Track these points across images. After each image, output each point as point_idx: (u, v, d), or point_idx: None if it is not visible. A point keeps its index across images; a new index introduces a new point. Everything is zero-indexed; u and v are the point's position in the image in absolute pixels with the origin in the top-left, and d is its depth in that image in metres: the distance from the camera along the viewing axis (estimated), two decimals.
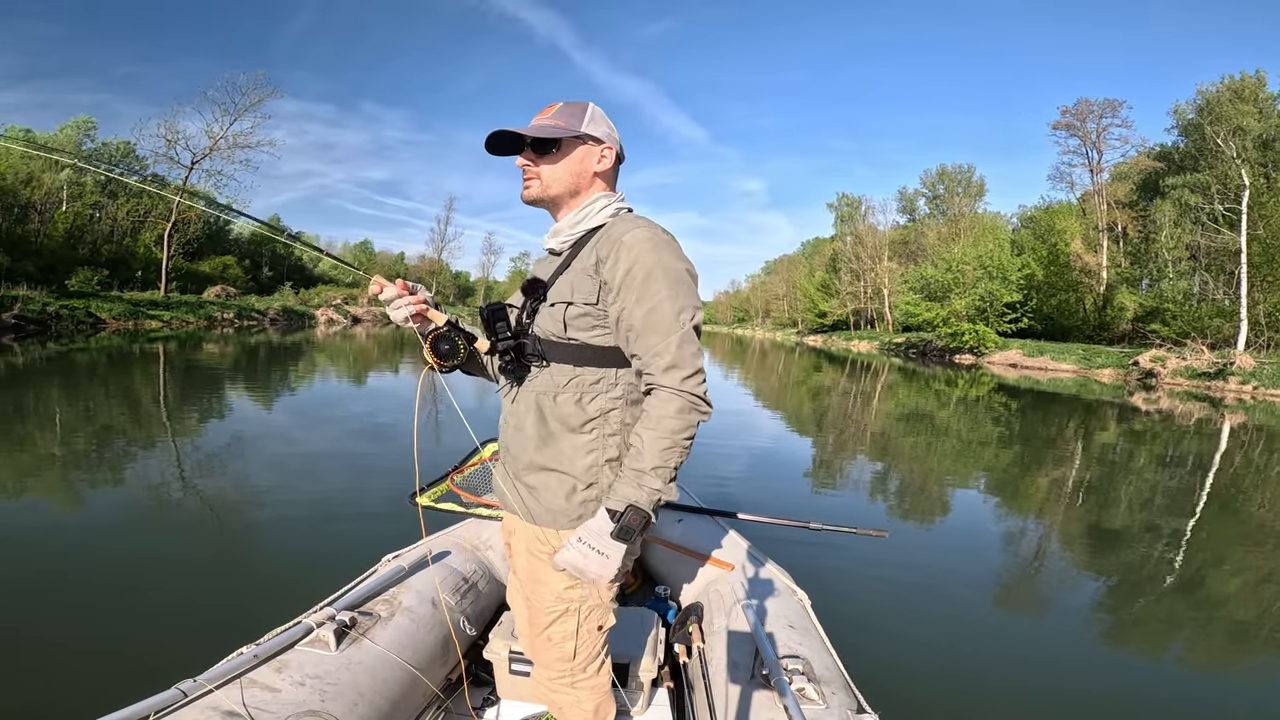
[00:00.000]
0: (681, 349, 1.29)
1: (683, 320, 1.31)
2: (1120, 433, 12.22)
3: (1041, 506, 6.60)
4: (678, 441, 1.29)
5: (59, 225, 35.16)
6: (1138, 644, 3.72)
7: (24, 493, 5.08)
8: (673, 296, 1.31)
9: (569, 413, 1.38)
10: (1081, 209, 42.60)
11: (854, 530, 2.99)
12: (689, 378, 1.29)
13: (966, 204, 53.54)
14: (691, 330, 1.32)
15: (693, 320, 1.32)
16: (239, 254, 51.00)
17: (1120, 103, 40.28)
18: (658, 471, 1.28)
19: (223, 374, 13.91)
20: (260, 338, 25.39)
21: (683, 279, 1.33)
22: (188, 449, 6.65)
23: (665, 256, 1.32)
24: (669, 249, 1.34)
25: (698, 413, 1.31)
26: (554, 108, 1.43)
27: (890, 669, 2.94)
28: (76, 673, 2.58)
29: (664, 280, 1.31)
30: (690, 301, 1.33)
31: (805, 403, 15.31)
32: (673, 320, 1.30)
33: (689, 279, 1.35)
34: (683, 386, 1.29)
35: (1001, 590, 4.33)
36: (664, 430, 1.28)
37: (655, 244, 1.33)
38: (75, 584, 3.39)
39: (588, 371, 1.38)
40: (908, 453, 9.11)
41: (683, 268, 1.34)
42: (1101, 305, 37.93)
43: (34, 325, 21.13)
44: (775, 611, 2.18)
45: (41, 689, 2.48)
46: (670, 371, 1.29)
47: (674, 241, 1.38)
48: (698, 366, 1.31)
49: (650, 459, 1.28)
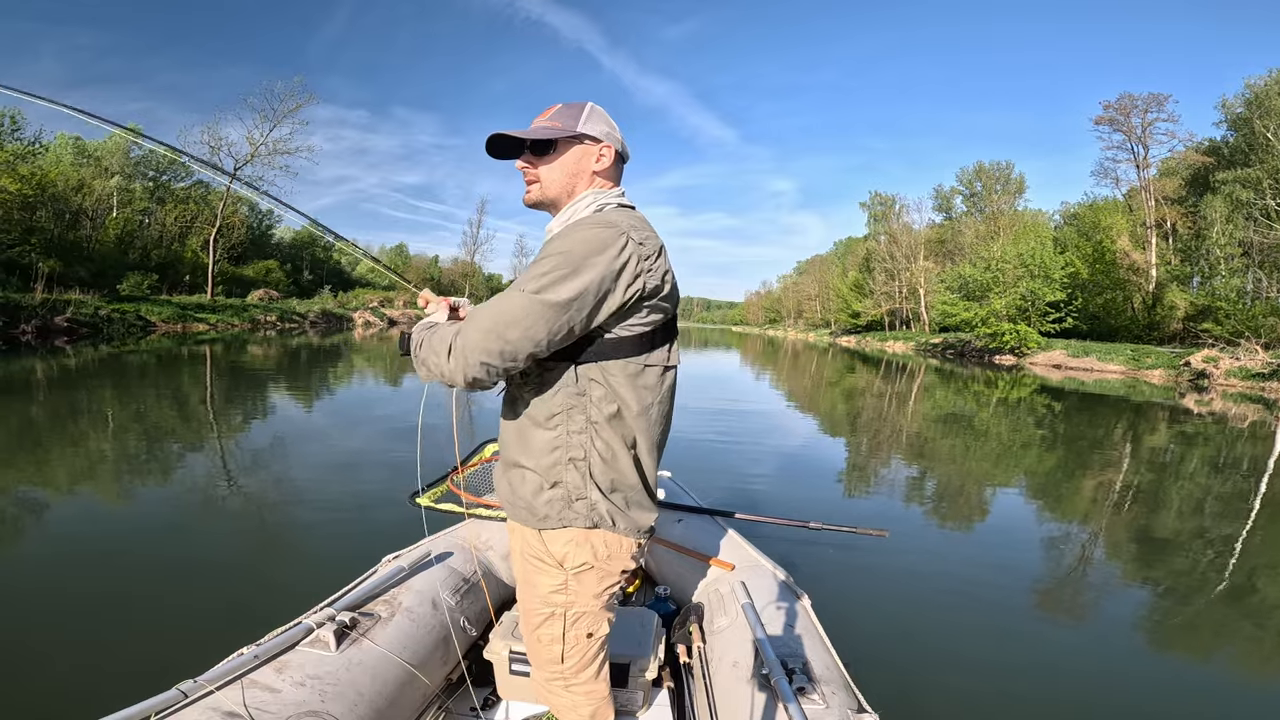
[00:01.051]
0: (502, 301, 1.24)
1: (529, 288, 1.22)
2: (1170, 435, 11.76)
3: (1065, 509, 6.39)
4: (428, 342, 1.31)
5: (110, 231, 36.53)
6: (1142, 646, 3.66)
7: (23, 493, 5.14)
8: (536, 266, 1.25)
9: (535, 409, 1.38)
10: (1128, 205, 41.32)
11: (854, 530, 2.98)
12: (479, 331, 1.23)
13: (1006, 201, 52.20)
14: (530, 299, 1.21)
15: (540, 293, 1.21)
16: (281, 258, 52.38)
17: (1165, 97, 38.96)
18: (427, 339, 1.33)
19: (253, 376, 14.27)
20: (301, 340, 26.01)
21: (567, 253, 1.22)
22: (198, 451, 6.75)
23: (571, 234, 1.26)
24: (580, 227, 1.28)
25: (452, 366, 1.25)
26: (553, 109, 1.42)
27: (890, 669, 2.94)
28: (77, 673, 2.61)
29: (543, 254, 1.26)
30: (554, 275, 1.21)
31: (833, 404, 15.07)
32: (519, 284, 1.24)
33: (583, 251, 1.22)
34: (465, 333, 1.24)
35: (1002, 591, 4.22)
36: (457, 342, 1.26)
37: (574, 225, 1.30)
38: (76, 584, 3.43)
39: (547, 365, 1.36)
40: (932, 454, 8.89)
41: (576, 239, 1.24)
42: (1151, 304, 36.72)
43: (86, 328, 21.97)
44: (775, 611, 2.16)
45: (42, 689, 2.51)
46: (477, 312, 1.28)
47: (604, 229, 1.26)
48: (496, 333, 1.21)
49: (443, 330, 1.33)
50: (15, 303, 20.43)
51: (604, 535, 1.41)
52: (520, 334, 1.21)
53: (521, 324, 1.21)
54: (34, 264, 24.86)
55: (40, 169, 30.93)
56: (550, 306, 1.20)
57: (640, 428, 1.38)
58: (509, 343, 1.22)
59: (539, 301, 1.20)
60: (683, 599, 2.62)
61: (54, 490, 5.21)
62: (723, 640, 2.09)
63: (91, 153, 41.68)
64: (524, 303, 1.21)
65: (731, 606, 2.23)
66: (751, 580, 2.36)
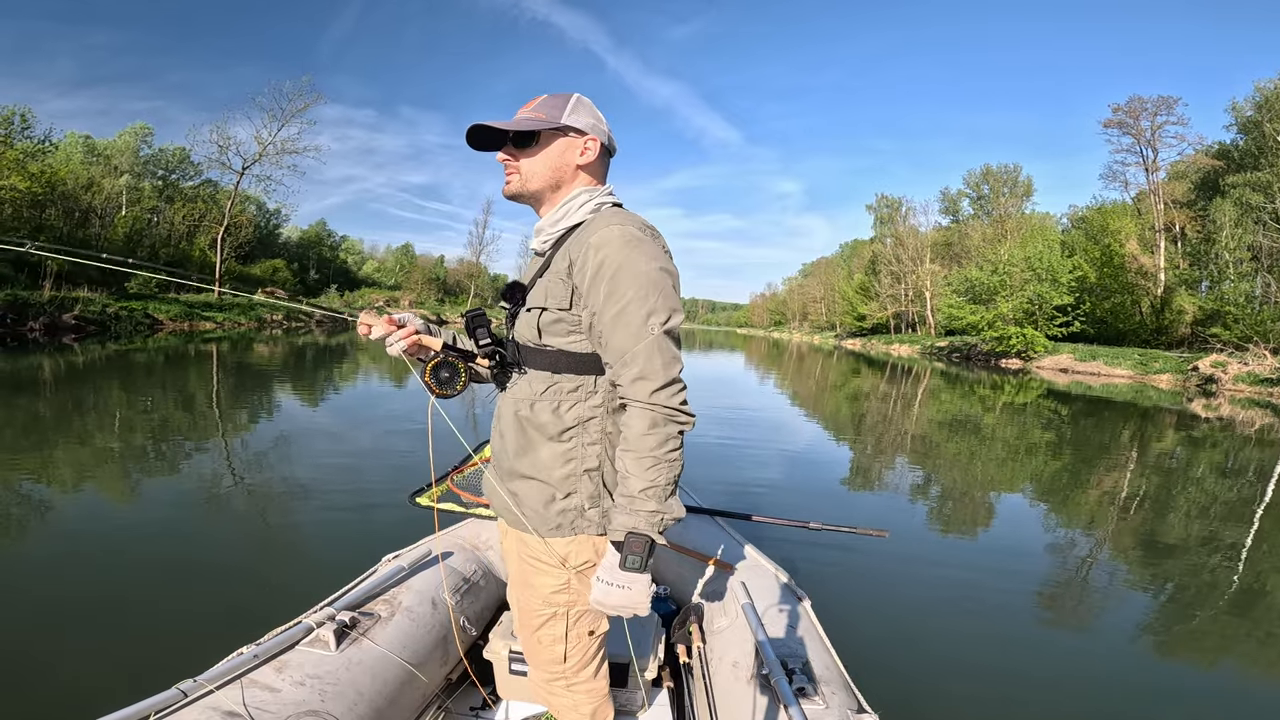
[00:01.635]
0: (650, 358, 1.21)
1: (652, 325, 1.21)
2: (1177, 440, 11.69)
3: (1068, 513, 6.37)
4: (661, 457, 1.22)
5: (119, 229, 36.74)
6: (1144, 650, 3.64)
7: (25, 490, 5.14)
8: (641, 299, 1.21)
9: (546, 420, 1.34)
10: (1137, 209, 41.12)
11: (854, 530, 2.95)
12: (659, 389, 1.21)
13: (1013, 204, 51.95)
14: (663, 336, 1.23)
15: (665, 325, 1.23)
16: (288, 257, 52.61)
17: (1175, 100, 38.75)
18: (648, 493, 1.22)
19: (257, 375, 14.33)
20: (307, 339, 26.13)
21: (654, 279, 1.23)
22: (199, 450, 6.76)
23: (634, 255, 1.23)
24: (639, 247, 1.24)
25: (674, 423, 1.23)
26: (538, 100, 1.38)
27: (890, 669, 2.95)
28: (77, 672, 2.60)
29: (631, 281, 1.22)
30: (662, 304, 1.23)
31: (836, 407, 15.03)
32: (640, 324, 1.21)
33: (663, 279, 1.25)
34: (652, 400, 1.21)
35: (1003, 593, 4.22)
36: (643, 450, 1.21)
37: (625, 242, 1.24)
38: (76, 582, 3.43)
39: (565, 379, 1.34)
40: (935, 457, 8.86)
41: (655, 267, 1.24)
42: (1159, 308, 36.50)
43: (94, 326, 22.12)
44: (775, 611, 2.16)
45: (42, 688, 2.51)
46: (639, 384, 1.22)
47: (649, 239, 1.28)
48: (670, 376, 1.22)
49: (637, 482, 1.22)
50: (24, 300, 20.58)
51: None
52: (670, 356, 1.25)
53: (668, 351, 1.24)
54: (42, 261, 24.99)
55: (50, 167, 31.17)
56: (670, 330, 1.25)
57: None
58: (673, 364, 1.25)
59: (664, 333, 1.24)
60: (683, 599, 2.62)
61: (56, 488, 5.22)
62: (723, 640, 2.08)
63: (101, 151, 41.97)
64: (655, 340, 1.23)
65: (731, 607, 2.22)
66: (751, 580, 2.36)
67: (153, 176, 43.90)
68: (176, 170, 45.26)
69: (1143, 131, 39.64)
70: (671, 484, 1.24)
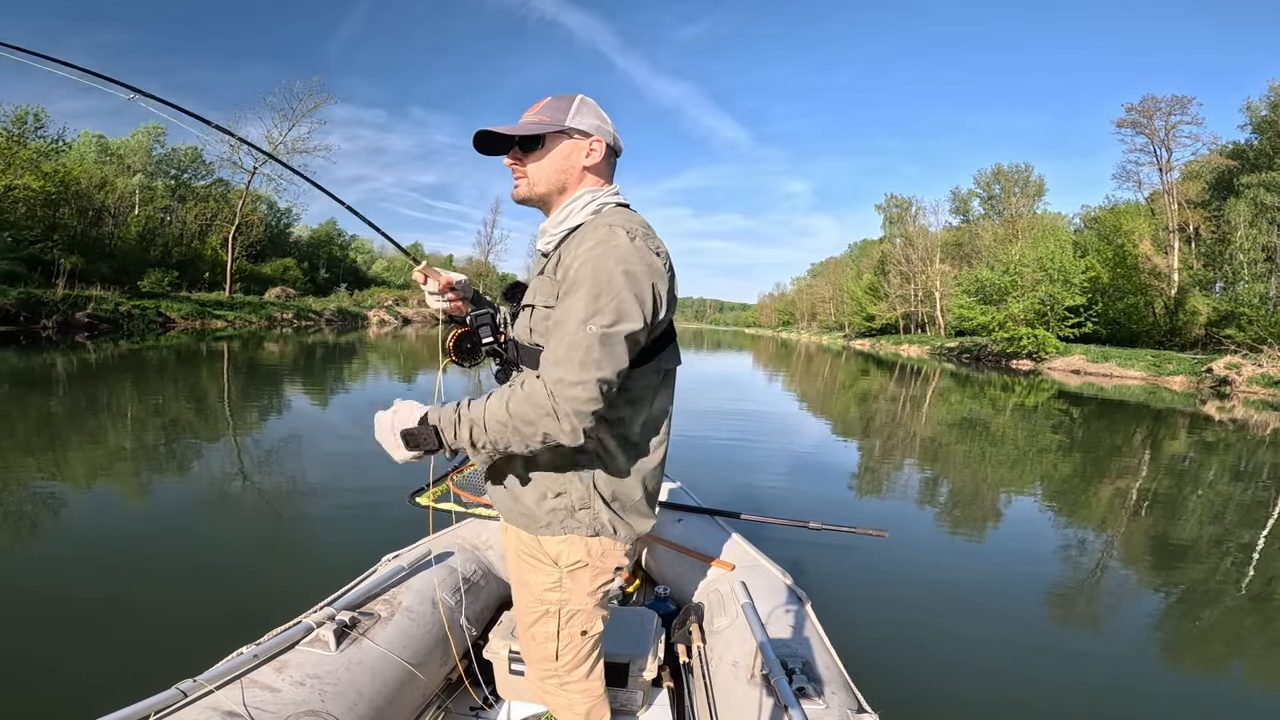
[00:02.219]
0: (573, 350, 1.17)
1: (590, 326, 1.17)
2: (1190, 442, 11.56)
3: (1075, 514, 6.31)
4: (512, 426, 1.18)
5: (131, 228, 37.08)
6: (1145, 650, 3.63)
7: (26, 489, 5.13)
8: (591, 298, 1.18)
9: None
10: (1150, 209, 40.76)
11: (854, 530, 2.97)
12: (564, 383, 1.16)
13: (1024, 204, 51.59)
14: (598, 337, 1.17)
15: (607, 327, 1.18)
16: (298, 256, 52.90)
17: (1189, 99, 38.33)
18: (474, 427, 1.21)
19: (266, 374, 14.41)
20: (316, 338, 26.25)
21: (612, 282, 1.19)
22: (202, 449, 6.75)
23: (605, 256, 1.20)
24: (614, 249, 1.21)
25: (551, 420, 1.16)
26: (542, 103, 1.38)
27: (890, 669, 2.94)
28: (77, 672, 2.60)
29: (590, 281, 1.19)
30: (610, 306, 1.18)
31: (844, 407, 14.96)
32: (579, 324, 1.18)
33: (621, 282, 1.19)
34: (554, 387, 1.16)
35: (1003, 593, 4.21)
36: (511, 407, 1.18)
37: (603, 242, 1.22)
38: (76, 582, 3.43)
39: None
40: (942, 458, 8.80)
41: (619, 269, 1.19)
42: (1172, 309, 36.16)
43: (107, 324, 22.32)
44: (775, 611, 2.16)
45: (42, 688, 2.51)
46: (551, 366, 1.18)
47: (631, 241, 1.23)
48: (582, 378, 1.16)
49: (480, 413, 1.21)
50: (37, 298, 20.80)
51: (601, 539, 1.41)
52: (595, 359, 1.17)
53: (595, 352, 1.17)
54: (56, 260, 25.29)
55: (63, 166, 31.46)
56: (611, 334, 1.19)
57: (644, 434, 1.39)
58: (592, 368, 1.17)
59: (600, 335, 1.18)
60: (683, 599, 2.63)
61: (62, 485, 5.25)
62: (722, 640, 2.08)
63: (114, 151, 42.35)
64: (584, 338, 1.18)
65: (731, 606, 2.23)
66: (752, 580, 2.36)
67: (165, 176, 44.29)
68: (188, 170, 45.67)
69: (1156, 131, 39.28)
70: (496, 448, 1.22)
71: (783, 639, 1.99)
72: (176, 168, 45.26)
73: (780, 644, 1.93)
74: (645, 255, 1.24)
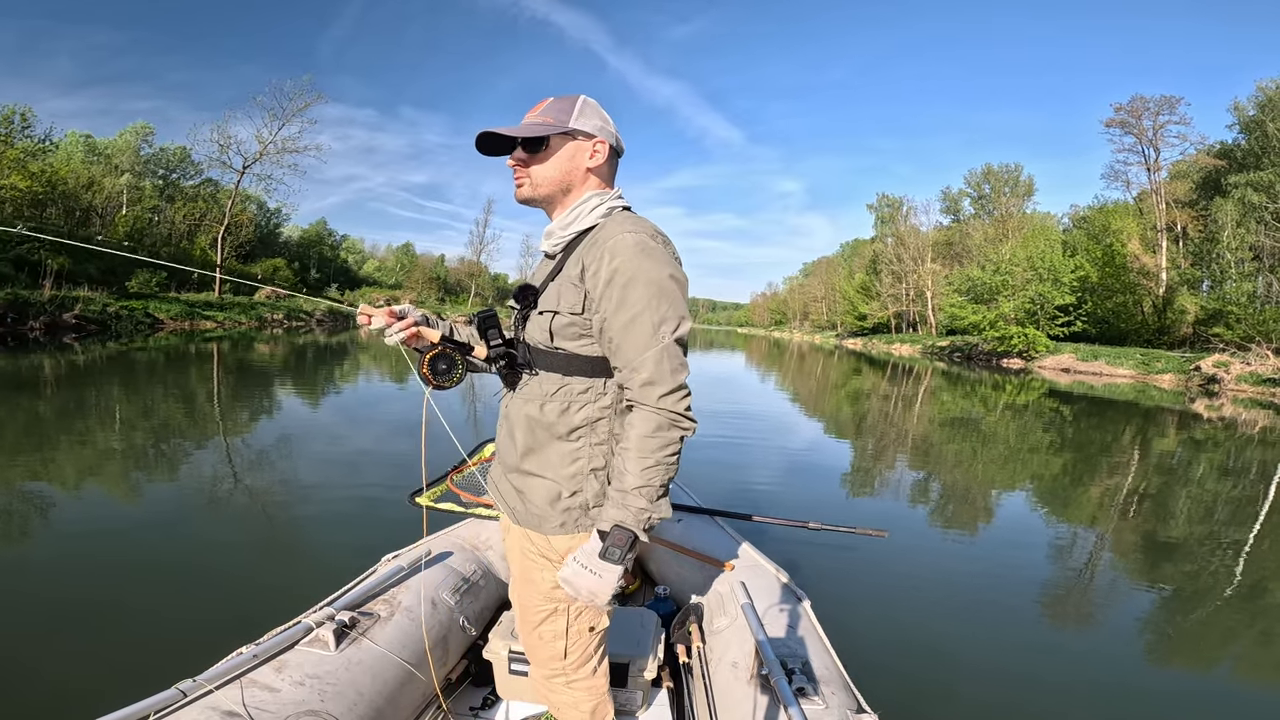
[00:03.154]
0: (660, 364, 1.24)
1: (663, 333, 1.25)
2: (1179, 440, 11.67)
3: (1068, 513, 6.36)
4: (660, 460, 1.25)
5: (119, 228, 36.72)
6: (1144, 650, 3.63)
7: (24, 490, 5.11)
8: (652, 307, 1.24)
9: (555, 421, 1.36)
10: (1138, 208, 41.09)
11: (854, 530, 2.97)
12: (667, 394, 1.24)
13: (1014, 204, 51.90)
14: (672, 344, 1.26)
15: (674, 333, 1.26)
16: (289, 256, 52.60)
17: (1178, 99, 38.65)
18: (641, 491, 1.24)
19: (257, 375, 14.33)
20: (307, 338, 26.12)
21: (665, 288, 1.26)
22: (199, 450, 6.73)
23: (646, 264, 1.25)
24: (652, 255, 1.27)
25: (678, 429, 1.26)
26: (544, 103, 1.38)
27: (890, 669, 2.95)
28: (76, 672, 2.59)
29: (644, 289, 1.24)
30: (672, 312, 1.26)
31: (836, 406, 15.02)
32: (651, 333, 1.24)
33: (673, 287, 1.27)
34: (660, 404, 1.24)
35: (1003, 593, 4.22)
36: (645, 450, 1.24)
37: (638, 250, 1.26)
38: (75, 582, 3.41)
39: (576, 381, 1.36)
40: (935, 457, 8.85)
41: (665, 274, 1.27)
42: (1161, 308, 36.49)
43: (94, 325, 22.11)
44: (775, 611, 2.16)
45: (41, 688, 2.50)
46: (647, 388, 1.24)
47: (661, 246, 1.30)
48: (678, 383, 1.26)
49: (633, 479, 1.25)
50: (24, 299, 20.57)
51: None
52: (679, 363, 1.27)
53: (676, 358, 1.27)
54: (43, 261, 25.01)
55: (50, 166, 31.13)
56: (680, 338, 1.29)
57: None
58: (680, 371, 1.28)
59: (674, 341, 1.27)
60: (682, 599, 2.63)
61: (55, 487, 5.21)
62: (722, 640, 2.08)
63: (102, 150, 41.95)
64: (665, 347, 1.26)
65: (731, 606, 2.22)
66: (751, 580, 2.36)
67: (153, 176, 43.90)
68: (177, 169, 45.27)
69: (1145, 131, 39.60)
70: (664, 486, 1.27)
71: (782, 639, 1.99)
72: (165, 167, 44.87)
73: (780, 644, 1.94)
74: (675, 258, 1.33)
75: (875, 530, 2.91)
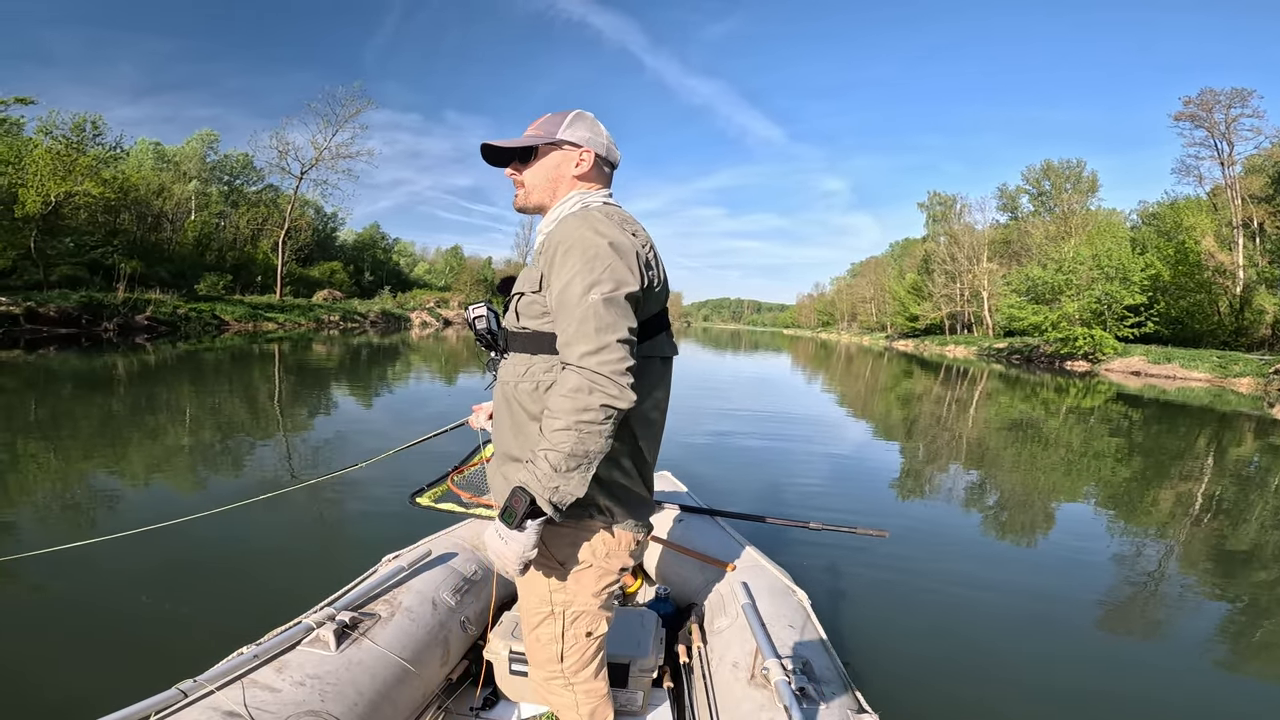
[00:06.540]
0: (584, 323, 1.21)
1: (592, 296, 1.22)
2: (1256, 446, 10.95)
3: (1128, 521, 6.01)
4: (573, 424, 1.19)
5: (188, 233, 38.55)
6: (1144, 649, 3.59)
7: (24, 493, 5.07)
8: (585, 270, 1.24)
9: (527, 401, 1.38)
10: (1212, 204, 38.90)
11: (854, 530, 2.94)
12: (589, 354, 1.20)
13: (1077, 200, 49.71)
14: (600, 303, 1.22)
15: (607, 293, 1.23)
16: (344, 259, 54.28)
17: (1250, 92, 36.35)
18: (547, 455, 1.20)
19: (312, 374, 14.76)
20: (361, 339, 26.87)
21: (601, 251, 1.25)
22: (204, 450, 6.69)
23: (585, 231, 1.27)
24: (591, 223, 1.29)
25: (599, 391, 1.19)
26: (542, 118, 1.48)
27: (890, 669, 2.92)
28: (77, 672, 2.61)
29: (579, 254, 1.25)
30: (608, 275, 1.24)
31: (888, 409, 14.60)
32: (580, 295, 1.23)
33: (609, 251, 1.25)
34: (581, 363, 1.20)
35: (1004, 593, 4.11)
36: (558, 409, 1.20)
37: (581, 220, 1.30)
38: (74, 582, 3.41)
39: (540, 359, 1.37)
40: (991, 463, 8.48)
41: (604, 241, 1.26)
42: (1238, 308, 34.47)
43: (165, 326, 23.25)
44: (775, 611, 2.13)
45: (41, 689, 2.52)
46: (568, 346, 1.23)
47: (605, 217, 1.32)
48: (602, 343, 1.20)
49: (544, 441, 1.21)
50: (99, 301, 21.77)
51: (602, 534, 1.43)
52: (607, 323, 1.21)
53: (604, 317, 1.21)
54: (117, 264, 26.41)
55: (122, 173, 32.76)
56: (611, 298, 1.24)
57: (639, 422, 1.41)
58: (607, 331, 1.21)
59: (602, 301, 1.23)
60: (683, 599, 2.64)
61: (55, 488, 5.22)
62: (723, 640, 2.08)
63: (170, 158, 44.05)
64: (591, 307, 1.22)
65: (732, 607, 2.22)
66: (752, 580, 2.34)
67: (219, 182, 45.89)
68: (240, 175, 47.23)
69: (1216, 124, 37.42)
70: (579, 456, 1.20)
71: (782, 639, 1.98)
72: (229, 173, 46.87)
73: (780, 644, 1.93)
74: (623, 230, 1.32)
75: (876, 531, 2.88)
